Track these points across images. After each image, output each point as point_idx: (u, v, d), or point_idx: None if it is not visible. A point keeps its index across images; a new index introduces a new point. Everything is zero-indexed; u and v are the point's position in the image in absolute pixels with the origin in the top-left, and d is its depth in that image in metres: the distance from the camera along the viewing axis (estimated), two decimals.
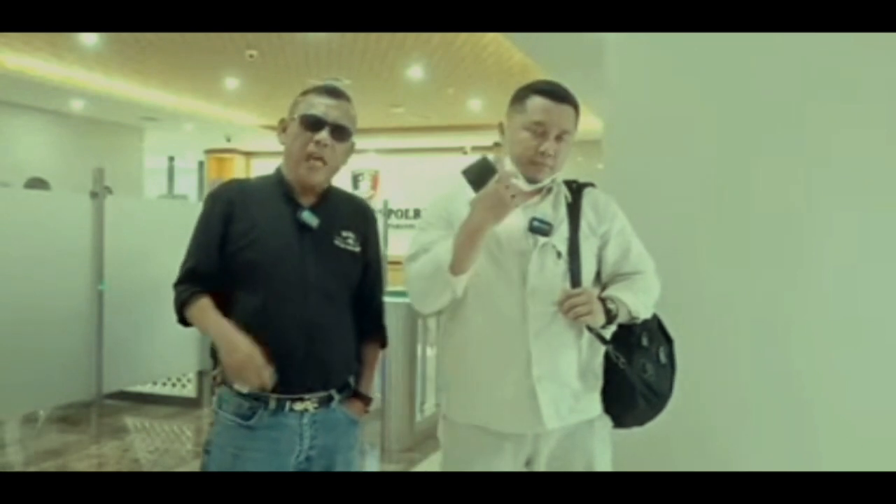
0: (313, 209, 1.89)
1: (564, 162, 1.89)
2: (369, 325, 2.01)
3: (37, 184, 5.89)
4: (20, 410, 4.44)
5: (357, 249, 1.94)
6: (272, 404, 1.82)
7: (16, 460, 4.39)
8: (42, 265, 3.84)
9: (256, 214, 1.87)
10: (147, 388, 5.51)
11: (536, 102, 1.84)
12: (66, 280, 4.03)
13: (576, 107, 1.87)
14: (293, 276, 1.84)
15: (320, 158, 1.86)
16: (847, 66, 2.34)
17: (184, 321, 1.88)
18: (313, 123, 1.86)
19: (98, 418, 4.71)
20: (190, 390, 5.55)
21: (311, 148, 1.85)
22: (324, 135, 1.85)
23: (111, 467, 4.28)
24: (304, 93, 1.93)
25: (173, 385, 5.61)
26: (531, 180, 1.86)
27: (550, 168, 1.86)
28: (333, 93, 1.91)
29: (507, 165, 1.86)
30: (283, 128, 1.93)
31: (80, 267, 4.08)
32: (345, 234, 1.92)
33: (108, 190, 4.27)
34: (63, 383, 4.05)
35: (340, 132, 1.88)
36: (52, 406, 4.73)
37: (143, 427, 5.14)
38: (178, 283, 1.89)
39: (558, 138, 1.84)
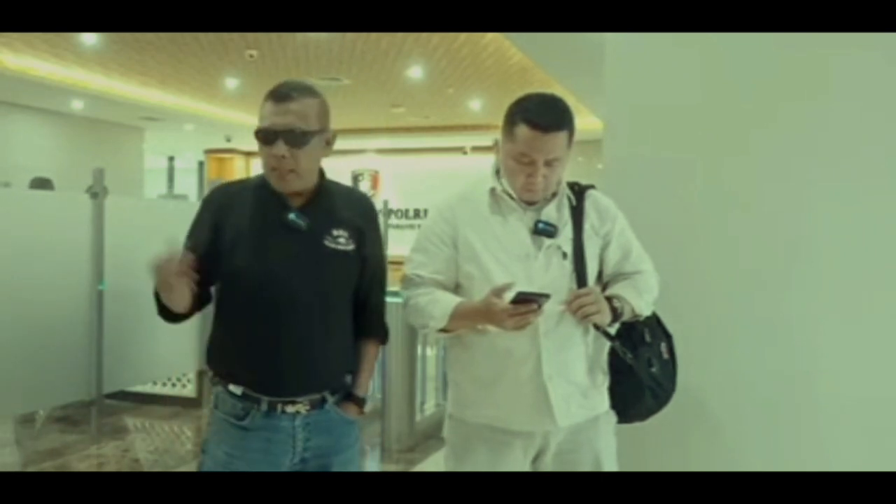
0: (302, 209, 1.83)
1: (560, 175, 1.90)
2: (367, 324, 1.96)
3: (41, 184, 5.88)
4: (19, 410, 4.44)
5: (350, 248, 1.86)
6: (264, 406, 1.81)
7: (15, 460, 4.39)
8: (42, 265, 3.83)
9: (245, 217, 1.83)
10: (147, 388, 5.50)
11: (524, 133, 1.81)
12: (66, 280, 4.02)
13: (569, 128, 1.84)
14: (281, 279, 1.80)
15: (285, 168, 1.77)
16: (848, 65, 2.35)
17: (166, 315, 1.84)
18: (264, 138, 1.76)
19: (98, 418, 4.70)
20: (190, 390, 5.55)
21: (272, 162, 1.77)
22: (278, 147, 1.74)
23: (111, 467, 4.28)
24: (263, 101, 1.81)
25: (173, 385, 5.60)
26: (526, 203, 1.89)
27: (543, 190, 1.88)
28: (281, 97, 1.77)
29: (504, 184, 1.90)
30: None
31: (80, 267, 4.07)
32: (336, 233, 1.84)
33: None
34: (63, 383, 4.04)
35: (295, 138, 1.74)
36: (51, 406, 4.72)
37: (143, 427, 5.14)
38: None
39: (548, 164, 1.83)
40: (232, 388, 1.82)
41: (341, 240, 1.85)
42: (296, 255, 1.82)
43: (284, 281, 1.81)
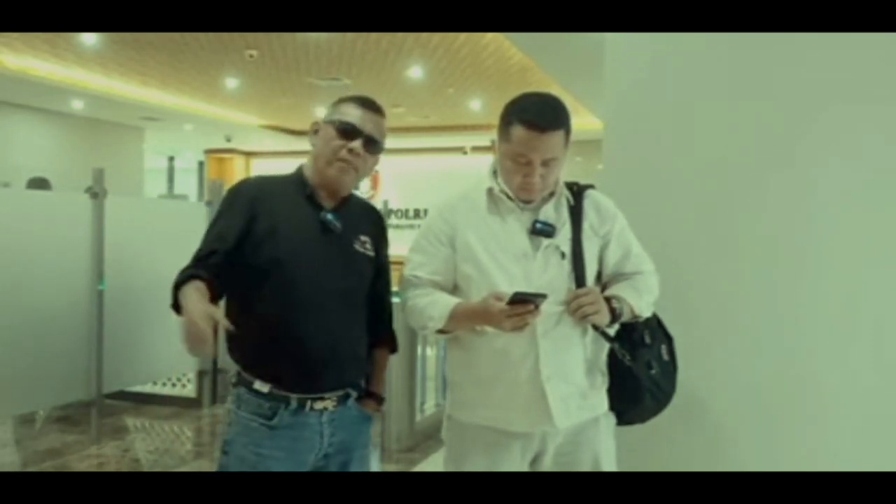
0: (334, 212, 1.92)
1: (558, 175, 1.90)
2: (380, 330, 2.04)
3: (38, 184, 5.88)
4: (19, 410, 4.44)
5: (372, 254, 1.98)
6: (293, 404, 1.84)
7: (15, 460, 4.39)
8: (42, 265, 3.83)
9: (280, 213, 1.89)
10: (147, 388, 5.50)
11: (520, 133, 1.80)
12: (66, 280, 4.02)
13: (565, 127, 1.83)
14: (316, 276, 1.86)
15: (352, 165, 1.90)
16: (849, 65, 2.34)
17: (177, 306, 1.78)
18: (349, 131, 1.89)
19: (98, 418, 4.70)
20: (190, 390, 5.54)
21: (344, 154, 1.88)
22: (357, 144, 1.89)
23: (111, 467, 4.28)
24: (342, 100, 1.96)
25: (173, 385, 5.61)
26: (524, 202, 1.89)
27: (540, 190, 1.88)
28: (371, 106, 1.95)
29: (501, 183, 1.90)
30: (314, 130, 1.96)
31: (80, 267, 4.07)
32: (363, 238, 1.97)
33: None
34: (63, 383, 4.05)
35: (373, 144, 1.92)
36: (51, 406, 4.72)
37: (143, 427, 5.14)
38: (184, 268, 1.82)
39: (545, 164, 1.82)
40: (258, 385, 1.84)
41: (367, 245, 1.98)
42: (331, 254, 1.90)
43: (321, 278, 1.87)
